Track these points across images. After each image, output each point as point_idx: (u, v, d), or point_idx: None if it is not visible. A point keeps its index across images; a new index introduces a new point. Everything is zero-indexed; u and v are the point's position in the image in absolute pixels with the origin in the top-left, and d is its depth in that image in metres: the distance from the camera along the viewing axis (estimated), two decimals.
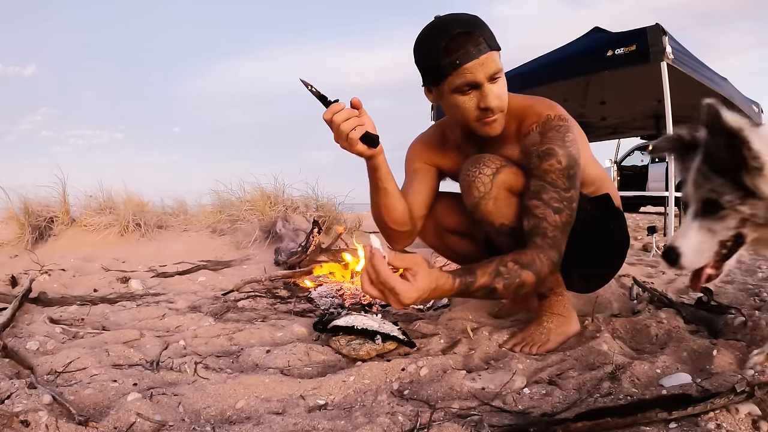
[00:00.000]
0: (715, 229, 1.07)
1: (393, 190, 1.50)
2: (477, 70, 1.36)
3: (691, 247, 1.08)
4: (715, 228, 1.07)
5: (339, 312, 2.03)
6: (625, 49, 4.67)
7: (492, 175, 1.46)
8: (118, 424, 1.08)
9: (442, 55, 1.37)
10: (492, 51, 1.37)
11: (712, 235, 1.08)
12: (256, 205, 4.74)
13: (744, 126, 0.99)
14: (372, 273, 1.15)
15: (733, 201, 1.04)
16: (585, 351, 1.44)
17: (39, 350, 1.64)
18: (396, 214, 1.54)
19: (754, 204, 1.03)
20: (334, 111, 1.29)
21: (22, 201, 4.75)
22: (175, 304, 2.38)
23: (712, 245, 1.08)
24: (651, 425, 1.00)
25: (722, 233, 1.07)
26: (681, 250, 1.08)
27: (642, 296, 2.12)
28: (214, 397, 1.24)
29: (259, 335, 1.81)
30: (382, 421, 1.08)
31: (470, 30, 1.36)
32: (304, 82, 1.29)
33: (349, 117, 1.29)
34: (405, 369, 1.41)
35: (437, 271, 1.26)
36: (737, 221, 1.06)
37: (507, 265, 1.34)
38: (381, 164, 1.43)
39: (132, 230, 4.72)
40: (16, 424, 1.02)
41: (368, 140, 1.32)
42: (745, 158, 0.99)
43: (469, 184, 1.49)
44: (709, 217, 1.07)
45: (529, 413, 1.13)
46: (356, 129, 1.30)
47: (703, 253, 1.09)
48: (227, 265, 3.62)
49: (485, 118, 1.43)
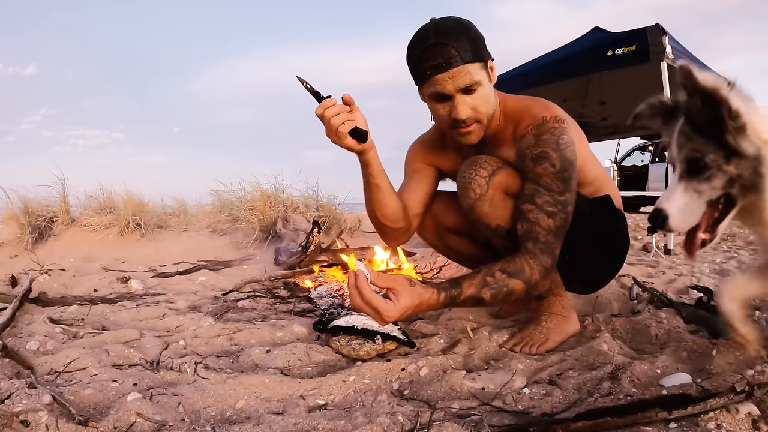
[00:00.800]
0: (702, 190, 1.04)
1: (385, 186, 1.50)
2: (446, 83, 1.37)
3: (678, 209, 1.05)
4: (701, 188, 1.04)
5: (339, 312, 2.03)
6: (625, 49, 4.67)
7: (488, 177, 1.47)
8: (118, 424, 1.08)
9: (416, 63, 1.41)
10: (467, 64, 1.37)
11: (699, 196, 1.05)
12: (256, 205, 4.74)
13: (720, 85, 0.97)
14: (356, 293, 1.22)
15: (718, 160, 1.01)
16: (585, 351, 1.44)
17: (39, 350, 1.64)
18: (388, 210, 1.55)
19: (739, 163, 1.01)
20: (326, 106, 1.31)
21: (22, 201, 4.75)
22: (175, 304, 2.38)
23: (699, 206, 1.05)
24: (651, 425, 1.00)
25: (709, 193, 1.04)
26: (668, 211, 1.05)
27: (642, 296, 2.12)
28: (214, 397, 1.24)
29: (259, 335, 1.81)
30: (382, 421, 1.08)
31: (445, 41, 1.36)
32: (299, 78, 1.32)
33: (339, 112, 1.31)
34: (405, 369, 1.41)
35: (420, 287, 1.28)
36: (724, 181, 1.03)
37: (494, 275, 1.35)
38: (372, 160, 1.43)
39: (132, 230, 4.72)
40: (16, 424, 1.02)
41: (357, 135, 1.34)
42: (723, 117, 0.98)
43: (465, 185, 1.50)
44: (694, 177, 1.05)
45: (529, 413, 1.13)
46: (345, 124, 1.31)
47: (690, 214, 1.06)
48: (227, 265, 3.62)
49: (458, 128, 1.45)
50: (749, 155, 1.00)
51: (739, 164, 1.01)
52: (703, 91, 0.98)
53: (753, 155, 1.00)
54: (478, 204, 1.48)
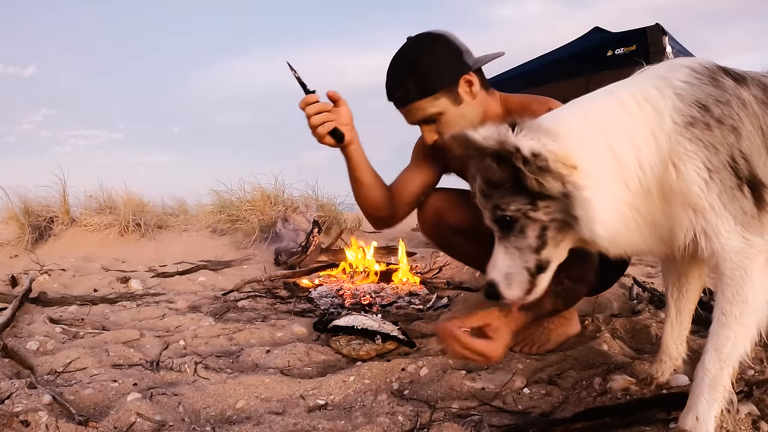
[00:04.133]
0: (521, 246, 0.94)
1: (366, 179, 1.52)
2: (407, 116, 1.44)
3: (503, 275, 0.96)
4: (519, 245, 0.94)
5: (339, 312, 2.03)
6: (625, 49, 4.67)
7: None
8: (118, 424, 1.08)
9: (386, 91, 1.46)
10: (417, 101, 1.38)
11: (521, 253, 0.95)
12: (256, 205, 4.74)
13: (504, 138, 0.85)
14: (454, 342, 1.14)
15: (522, 208, 0.90)
16: (585, 351, 1.44)
17: (39, 350, 1.64)
18: (371, 200, 1.57)
19: (548, 206, 0.89)
20: (308, 102, 1.33)
21: (22, 201, 4.75)
22: (175, 304, 2.38)
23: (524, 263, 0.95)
24: (651, 425, 1.00)
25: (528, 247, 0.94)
26: (496, 281, 0.96)
27: (642, 296, 2.12)
28: (214, 397, 1.24)
29: (259, 335, 1.81)
30: (382, 421, 1.08)
31: (399, 77, 1.40)
32: (289, 65, 1.33)
33: (320, 111, 1.33)
34: (405, 369, 1.41)
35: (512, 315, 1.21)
36: (538, 230, 0.92)
37: (564, 283, 1.30)
38: (353, 155, 1.45)
39: (132, 230, 4.72)
40: (16, 424, 1.02)
41: (335, 135, 1.36)
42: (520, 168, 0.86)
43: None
44: (508, 235, 0.95)
45: (529, 413, 1.14)
46: (324, 125, 1.33)
47: (518, 276, 0.96)
48: (227, 265, 3.62)
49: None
50: (556, 194, 0.87)
51: (548, 207, 0.90)
52: (491, 151, 0.88)
53: (560, 192, 0.87)
54: None
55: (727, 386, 0.91)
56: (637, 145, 0.87)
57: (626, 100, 0.90)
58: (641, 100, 0.89)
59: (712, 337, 0.91)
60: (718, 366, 0.90)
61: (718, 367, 0.90)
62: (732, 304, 0.89)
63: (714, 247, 0.87)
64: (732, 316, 0.89)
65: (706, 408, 0.90)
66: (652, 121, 0.87)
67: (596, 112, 0.93)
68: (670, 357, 1.20)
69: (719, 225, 0.85)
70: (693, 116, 0.86)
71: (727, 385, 0.91)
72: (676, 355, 1.20)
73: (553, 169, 0.85)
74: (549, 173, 0.85)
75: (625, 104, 0.90)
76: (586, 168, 0.86)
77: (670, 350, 1.20)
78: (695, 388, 0.93)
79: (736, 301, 0.88)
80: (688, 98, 0.87)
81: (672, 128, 0.86)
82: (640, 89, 0.91)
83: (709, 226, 0.86)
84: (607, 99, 0.94)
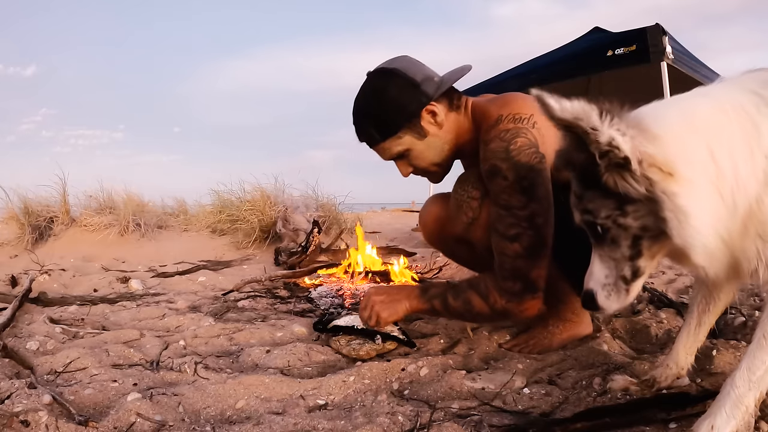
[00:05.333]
0: (616, 257, 0.90)
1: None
2: (378, 154, 1.47)
3: (601, 285, 0.93)
4: (614, 255, 0.90)
5: (339, 312, 2.03)
6: (625, 49, 4.68)
7: (480, 197, 1.41)
8: (118, 424, 1.08)
9: None
10: (383, 142, 1.41)
11: (616, 264, 0.91)
12: (256, 205, 4.73)
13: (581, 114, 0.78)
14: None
15: (611, 215, 0.85)
16: (585, 351, 1.44)
17: (39, 350, 1.64)
18: None
19: (637, 211, 0.83)
20: None
21: (22, 201, 4.75)
22: (175, 304, 2.38)
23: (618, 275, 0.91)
24: (651, 425, 1.00)
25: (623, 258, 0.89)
26: (593, 290, 0.94)
27: (642, 296, 2.12)
28: (214, 397, 1.24)
29: (259, 335, 1.81)
30: (382, 421, 1.08)
31: (360, 123, 1.44)
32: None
33: None
34: (405, 369, 1.41)
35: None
36: (630, 240, 0.87)
37: (459, 282, 1.44)
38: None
39: (132, 230, 4.72)
40: (16, 424, 1.02)
41: None
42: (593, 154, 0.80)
43: (458, 205, 1.47)
44: (601, 244, 0.91)
45: (529, 413, 1.14)
46: None
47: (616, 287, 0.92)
48: (227, 265, 3.62)
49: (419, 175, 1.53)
50: (641, 198, 0.81)
51: (637, 212, 0.83)
52: (565, 124, 0.82)
53: (644, 197, 0.80)
54: (471, 228, 1.45)
55: (750, 408, 0.90)
56: (735, 158, 0.80)
57: (728, 109, 0.83)
58: (741, 113, 0.82)
59: (748, 357, 0.90)
60: (747, 386, 0.89)
61: (746, 387, 0.89)
62: None
63: None
64: None
65: (724, 421, 0.90)
66: (751, 138, 0.81)
67: (700, 116, 0.85)
68: (677, 364, 1.19)
69: None
70: None
71: (750, 407, 0.90)
72: (684, 365, 1.19)
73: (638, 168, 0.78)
74: (630, 173, 0.79)
75: (727, 113, 0.83)
76: (685, 173, 0.79)
77: (679, 358, 1.19)
78: (719, 400, 0.92)
79: None
80: None
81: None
82: (740, 102, 0.83)
83: None
84: (710, 104, 0.86)
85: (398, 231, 6.13)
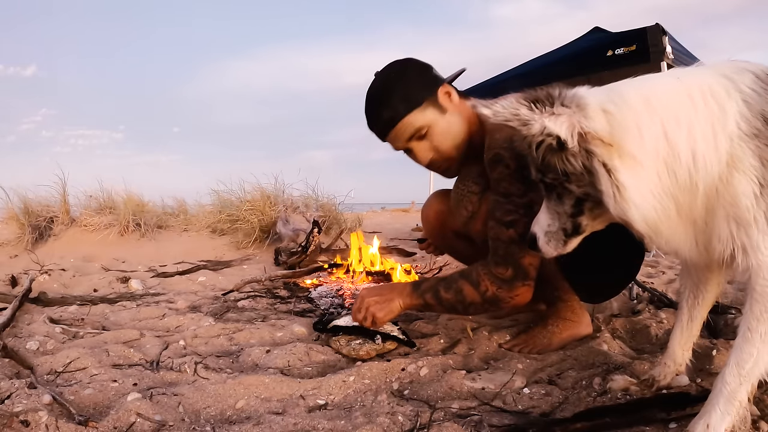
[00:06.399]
0: (559, 211, 1.00)
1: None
2: (396, 141, 1.46)
3: (542, 230, 1.03)
4: (558, 210, 1.00)
5: (339, 312, 2.03)
6: (625, 49, 4.67)
7: (479, 192, 1.47)
8: (118, 424, 1.08)
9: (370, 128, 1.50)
10: (405, 116, 1.40)
11: (559, 217, 1.00)
12: (256, 205, 4.73)
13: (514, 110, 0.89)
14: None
15: (557, 178, 0.93)
16: (585, 351, 1.44)
17: (39, 350, 1.64)
18: None
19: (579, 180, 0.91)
20: None
21: (22, 201, 4.75)
22: (175, 304, 2.38)
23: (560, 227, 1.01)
24: (651, 425, 1.00)
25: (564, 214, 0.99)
26: (536, 234, 1.04)
27: (642, 296, 2.12)
28: (214, 397, 1.24)
29: (259, 335, 1.81)
30: (382, 421, 1.08)
31: (374, 108, 1.44)
32: None
33: None
34: (405, 369, 1.41)
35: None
36: (573, 201, 0.96)
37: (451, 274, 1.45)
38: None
39: (132, 230, 4.72)
40: (16, 424, 1.02)
41: None
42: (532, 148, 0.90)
43: (459, 199, 1.51)
44: (549, 197, 1.01)
45: (529, 413, 1.14)
46: None
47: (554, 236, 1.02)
48: (227, 265, 3.62)
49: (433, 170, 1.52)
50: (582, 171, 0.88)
51: (580, 182, 0.91)
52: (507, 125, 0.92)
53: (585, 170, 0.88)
54: (471, 222, 1.50)
55: (744, 402, 0.91)
56: (695, 137, 0.84)
57: (693, 90, 0.86)
58: (708, 95, 0.85)
59: (735, 351, 0.91)
60: (738, 381, 0.89)
61: (737, 381, 0.90)
62: (759, 321, 0.88)
63: (750, 263, 0.86)
64: (757, 333, 0.88)
65: (719, 419, 0.90)
66: (715, 119, 0.84)
67: (661, 95, 0.88)
68: (675, 362, 1.19)
69: (760, 241, 0.84)
70: (758, 129, 0.83)
71: (744, 401, 0.91)
72: (681, 361, 1.19)
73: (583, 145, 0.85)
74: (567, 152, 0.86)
75: (692, 94, 0.86)
76: (630, 149, 0.84)
77: (676, 355, 1.19)
78: (712, 398, 0.92)
79: (763, 319, 0.87)
80: (755, 108, 0.84)
81: (735, 133, 0.83)
82: (708, 84, 0.86)
83: (750, 241, 0.84)
84: (673, 84, 0.89)
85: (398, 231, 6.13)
